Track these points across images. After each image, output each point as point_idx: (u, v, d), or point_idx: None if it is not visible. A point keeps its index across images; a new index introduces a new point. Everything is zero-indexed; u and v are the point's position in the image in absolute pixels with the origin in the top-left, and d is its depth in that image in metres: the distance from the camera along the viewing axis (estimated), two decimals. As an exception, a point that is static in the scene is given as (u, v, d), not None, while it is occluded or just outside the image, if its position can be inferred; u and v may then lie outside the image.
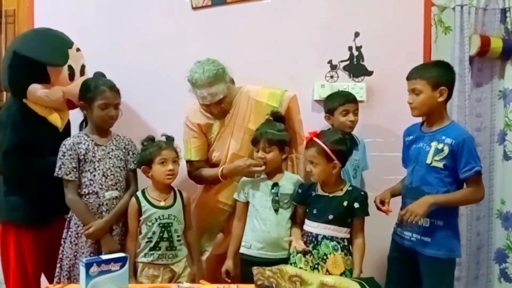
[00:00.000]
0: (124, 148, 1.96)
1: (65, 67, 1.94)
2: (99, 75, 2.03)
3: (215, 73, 1.88)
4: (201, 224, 2.09)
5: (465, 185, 1.77)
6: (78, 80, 1.96)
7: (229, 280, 1.84)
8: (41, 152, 1.89)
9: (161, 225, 1.84)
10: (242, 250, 1.90)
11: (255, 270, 1.56)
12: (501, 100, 2.48)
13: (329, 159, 1.76)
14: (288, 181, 1.91)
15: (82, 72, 2.04)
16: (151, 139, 1.93)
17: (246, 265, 1.82)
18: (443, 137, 1.76)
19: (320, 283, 1.55)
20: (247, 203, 1.93)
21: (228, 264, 1.91)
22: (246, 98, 2.02)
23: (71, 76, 1.96)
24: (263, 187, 1.89)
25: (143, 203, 1.86)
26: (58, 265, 1.88)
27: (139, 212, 1.86)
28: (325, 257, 1.74)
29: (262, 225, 1.86)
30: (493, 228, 2.51)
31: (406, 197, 1.86)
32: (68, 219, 1.89)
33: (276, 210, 1.86)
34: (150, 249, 1.84)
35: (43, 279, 2.01)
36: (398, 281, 1.91)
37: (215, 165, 2.06)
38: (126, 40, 2.30)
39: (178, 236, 1.88)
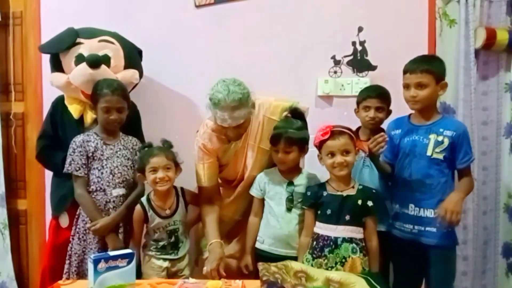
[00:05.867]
0: (132, 148, 1.98)
1: (73, 55, 1.99)
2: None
3: (241, 98, 1.76)
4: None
5: (459, 176, 1.83)
6: (79, 66, 1.96)
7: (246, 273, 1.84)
8: (64, 142, 1.97)
9: (168, 231, 1.87)
10: (257, 244, 1.91)
11: (261, 266, 1.58)
12: (508, 93, 2.46)
13: (355, 145, 1.77)
14: (304, 180, 1.88)
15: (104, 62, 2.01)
16: (145, 147, 1.89)
17: (259, 260, 1.81)
18: (441, 130, 1.80)
19: (326, 279, 1.55)
20: (263, 199, 1.91)
21: (247, 259, 1.90)
22: (258, 115, 1.92)
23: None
24: (278, 184, 1.88)
25: (149, 212, 1.86)
26: (68, 261, 1.91)
27: (145, 219, 1.87)
28: (343, 260, 1.69)
29: (275, 221, 1.86)
30: (500, 222, 2.49)
31: (405, 189, 1.84)
32: (76, 216, 1.93)
33: (289, 209, 1.85)
34: (157, 249, 1.87)
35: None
36: (403, 274, 1.91)
37: (229, 182, 2.05)
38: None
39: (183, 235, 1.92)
